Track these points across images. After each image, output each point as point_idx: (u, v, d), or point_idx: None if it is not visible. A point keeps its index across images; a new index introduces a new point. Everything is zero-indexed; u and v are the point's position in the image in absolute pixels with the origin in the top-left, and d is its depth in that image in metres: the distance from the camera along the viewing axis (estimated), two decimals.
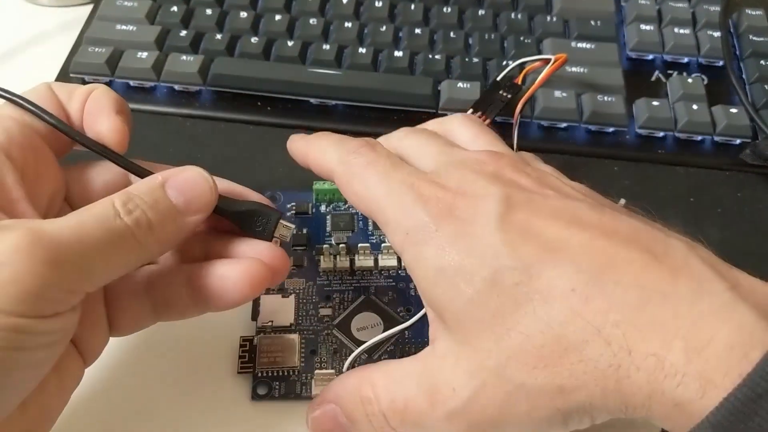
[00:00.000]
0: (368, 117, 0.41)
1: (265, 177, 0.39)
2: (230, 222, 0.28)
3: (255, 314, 0.32)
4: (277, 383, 0.30)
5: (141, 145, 0.38)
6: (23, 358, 0.21)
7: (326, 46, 0.43)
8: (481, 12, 0.46)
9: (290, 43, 0.43)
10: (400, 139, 0.30)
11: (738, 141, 0.41)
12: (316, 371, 0.30)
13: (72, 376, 0.26)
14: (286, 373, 0.31)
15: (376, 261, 0.34)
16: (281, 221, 0.28)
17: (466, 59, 0.43)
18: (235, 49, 0.43)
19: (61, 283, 0.21)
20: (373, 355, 0.31)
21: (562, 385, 0.22)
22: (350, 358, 0.30)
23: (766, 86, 0.43)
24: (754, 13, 0.47)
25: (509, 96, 0.38)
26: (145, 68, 0.42)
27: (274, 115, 0.42)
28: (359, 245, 0.34)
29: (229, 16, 0.45)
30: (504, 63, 0.43)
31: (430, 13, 0.46)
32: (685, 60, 0.45)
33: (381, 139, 0.30)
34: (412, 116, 0.40)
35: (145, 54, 0.42)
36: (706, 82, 0.44)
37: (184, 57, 0.42)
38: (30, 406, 0.23)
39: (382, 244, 0.34)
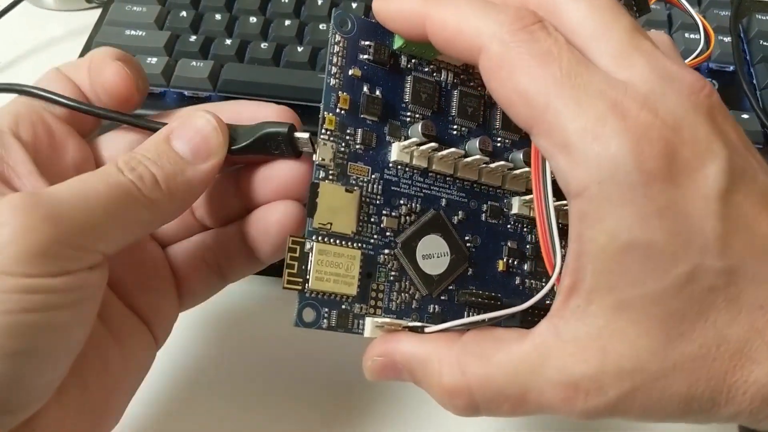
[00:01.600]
0: None
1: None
2: (252, 154, 0.26)
3: (312, 208, 0.24)
4: (327, 310, 0.24)
5: None
6: (40, 320, 0.20)
7: None
8: None
9: (300, 49, 0.43)
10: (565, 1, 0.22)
11: None
12: (386, 319, 0.24)
13: (140, 355, 0.25)
14: (339, 299, 0.25)
15: (455, 168, 0.27)
16: (296, 135, 0.25)
17: None
18: (245, 55, 0.43)
19: (64, 240, 0.21)
20: (432, 293, 0.26)
21: (717, 401, 0.21)
22: (439, 327, 0.24)
23: None
24: (764, 17, 0.47)
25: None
26: (155, 74, 0.42)
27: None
28: (451, 150, 0.26)
29: (238, 21, 0.45)
30: None
31: None
32: (696, 66, 0.45)
33: None
34: None
35: (154, 59, 0.42)
36: (716, 87, 0.44)
37: (193, 62, 0.42)
38: (91, 384, 0.23)
39: (472, 147, 0.26)
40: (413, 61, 0.27)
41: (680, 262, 0.20)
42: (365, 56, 0.26)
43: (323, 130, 0.25)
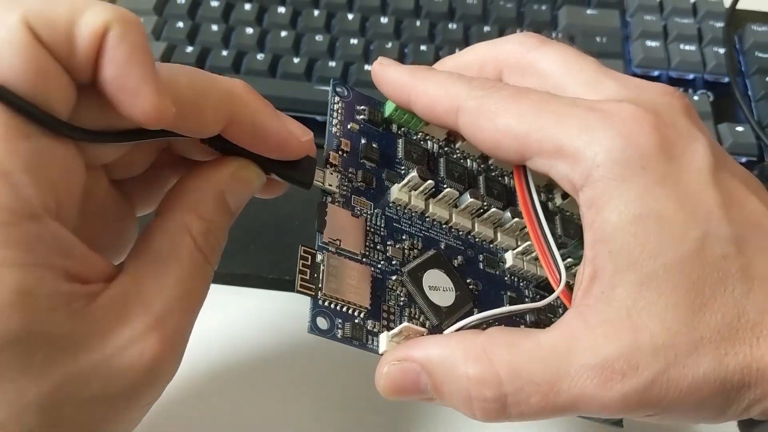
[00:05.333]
0: None
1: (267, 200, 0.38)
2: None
3: (321, 224, 0.25)
4: (341, 321, 0.24)
5: None
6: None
7: (332, 63, 0.43)
8: (486, 28, 0.46)
9: (296, 60, 0.43)
10: (534, 47, 0.25)
11: (744, 159, 0.41)
12: (405, 324, 0.24)
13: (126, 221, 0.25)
14: (351, 312, 0.24)
15: (450, 214, 0.28)
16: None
17: None
18: (241, 66, 0.43)
19: None
20: (442, 324, 0.25)
21: (746, 381, 0.21)
22: (461, 324, 0.24)
23: None
24: (759, 28, 0.47)
25: None
26: None
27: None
28: (447, 190, 0.27)
29: (234, 32, 0.45)
30: None
31: (435, 30, 0.46)
32: (691, 76, 0.45)
33: (501, 44, 0.27)
34: None
35: None
36: (711, 99, 0.44)
37: None
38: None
39: (464, 197, 0.28)
40: (402, 129, 0.29)
41: (691, 227, 0.21)
42: (361, 116, 0.28)
43: (328, 165, 0.27)
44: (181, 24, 0.45)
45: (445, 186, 0.28)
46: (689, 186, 0.21)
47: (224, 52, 0.44)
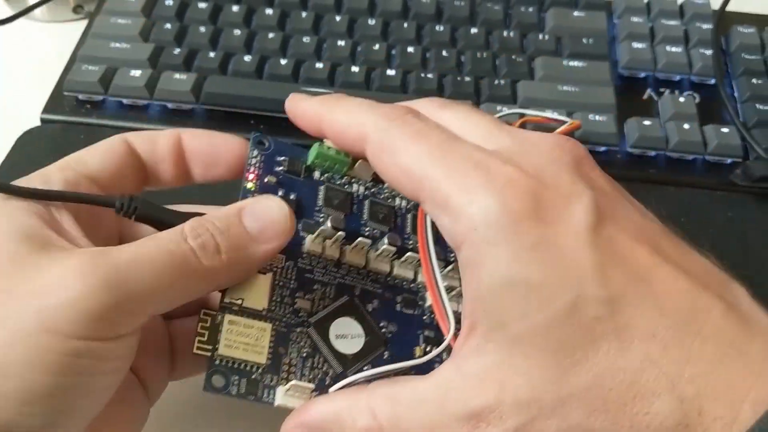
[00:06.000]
0: None
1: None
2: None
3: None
4: (237, 378, 0.25)
5: None
6: (88, 383, 0.21)
7: (319, 65, 0.43)
8: (473, 30, 0.46)
9: (283, 62, 0.43)
10: (436, 110, 0.26)
11: (729, 160, 0.41)
12: (293, 382, 0.25)
13: (137, 410, 0.26)
14: (248, 368, 0.26)
15: (367, 260, 0.29)
16: None
17: (459, 78, 0.43)
18: (228, 67, 0.43)
19: (121, 305, 0.21)
20: (347, 371, 0.27)
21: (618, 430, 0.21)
22: (343, 383, 0.26)
23: (757, 105, 0.43)
24: (746, 30, 0.47)
25: None
26: (139, 86, 0.42)
27: (268, 134, 0.41)
28: (359, 239, 0.28)
29: (222, 33, 0.45)
30: (499, 109, 0.41)
31: (422, 32, 0.46)
32: (677, 78, 0.46)
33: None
34: None
35: (138, 72, 0.42)
36: (698, 100, 0.44)
37: (177, 75, 0.42)
38: None
39: (381, 242, 0.28)
40: (326, 174, 0.29)
41: (560, 293, 0.21)
42: (280, 168, 0.28)
43: None
44: (169, 26, 0.45)
45: (367, 229, 0.29)
46: (564, 249, 0.21)
47: (211, 54, 0.44)
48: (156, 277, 0.22)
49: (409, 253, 0.28)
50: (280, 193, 0.28)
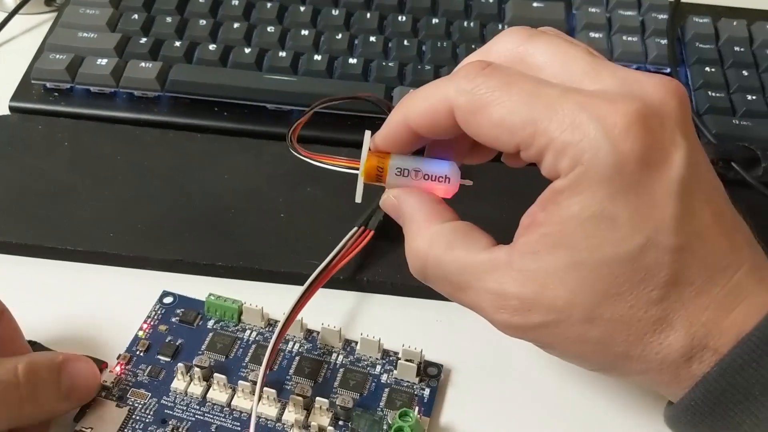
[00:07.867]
0: (323, 123, 0.43)
1: (214, 186, 0.39)
2: None
3: (80, 414, 0.29)
4: None
5: (91, 153, 0.39)
6: None
7: (282, 53, 0.45)
8: (434, 20, 0.47)
9: (247, 50, 0.44)
10: (524, 42, 0.26)
11: None
12: None
13: None
14: None
15: (231, 397, 0.30)
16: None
17: (419, 66, 0.44)
18: (194, 56, 0.44)
19: None
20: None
21: (630, 355, 0.24)
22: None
23: (710, 92, 0.44)
24: (701, 20, 0.48)
25: None
26: (105, 74, 0.43)
27: (231, 121, 0.43)
28: (220, 376, 0.30)
29: (189, 23, 0.46)
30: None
31: (385, 22, 0.47)
32: (633, 67, 0.46)
33: (490, 48, 0.27)
34: (364, 122, 0.42)
35: (105, 61, 0.43)
36: None
37: (143, 64, 0.43)
38: None
39: (240, 381, 0.30)
40: (221, 322, 0.33)
41: (637, 236, 0.23)
42: (175, 318, 0.33)
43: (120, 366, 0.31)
44: (136, 16, 0.46)
45: (246, 371, 0.31)
46: (655, 194, 0.23)
47: (177, 43, 0.45)
48: None
49: (272, 390, 0.30)
50: (167, 339, 0.32)
